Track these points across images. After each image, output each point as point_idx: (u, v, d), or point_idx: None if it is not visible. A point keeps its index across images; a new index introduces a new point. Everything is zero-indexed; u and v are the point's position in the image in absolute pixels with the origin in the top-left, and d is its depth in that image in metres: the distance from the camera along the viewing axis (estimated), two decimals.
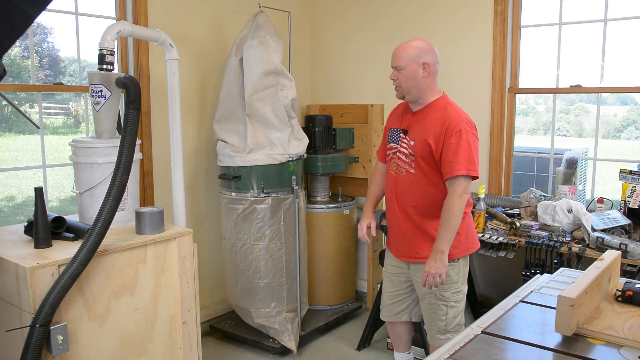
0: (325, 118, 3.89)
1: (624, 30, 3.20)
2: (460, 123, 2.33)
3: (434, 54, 2.44)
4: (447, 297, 2.49)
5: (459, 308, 2.52)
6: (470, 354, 1.36)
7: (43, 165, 2.99)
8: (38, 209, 2.06)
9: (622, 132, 10.64)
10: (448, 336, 2.51)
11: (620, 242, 2.68)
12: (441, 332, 2.53)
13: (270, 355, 3.41)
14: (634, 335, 1.41)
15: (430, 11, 3.79)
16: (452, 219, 2.31)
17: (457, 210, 2.31)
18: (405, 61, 2.40)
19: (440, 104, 2.43)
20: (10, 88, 2.98)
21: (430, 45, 2.45)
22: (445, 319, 2.51)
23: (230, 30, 3.74)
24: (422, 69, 2.39)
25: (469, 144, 2.31)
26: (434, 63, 2.43)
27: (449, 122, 2.34)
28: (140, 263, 2.20)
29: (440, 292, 2.48)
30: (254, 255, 3.35)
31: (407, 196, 2.48)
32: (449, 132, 2.32)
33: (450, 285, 2.48)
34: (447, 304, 2.49)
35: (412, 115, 2.49)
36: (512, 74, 3.55)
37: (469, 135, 2.32)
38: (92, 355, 2.05)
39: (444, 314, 2.50)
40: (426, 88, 2.43)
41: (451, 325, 2.52)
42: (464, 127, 2.32)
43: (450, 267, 2.44)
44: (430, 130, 2.37)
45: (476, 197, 3.33)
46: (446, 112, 2.38)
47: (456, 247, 2.44)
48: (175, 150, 2.99)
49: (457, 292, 2.51)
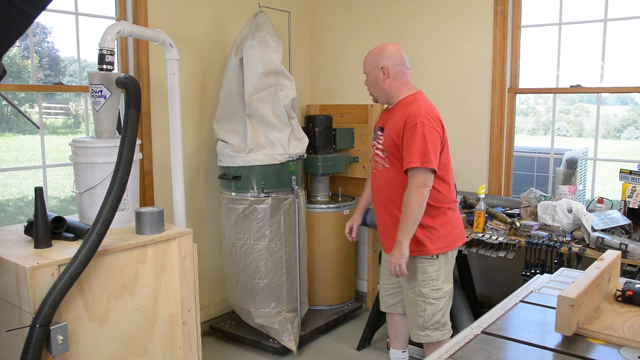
0: (325, 118, 3.89)
1: (624, 30, 3.20)
2: (418, 117, 2.36)
3: (392, 55, 2.49)
4: (425, 293, 2.51)
5: (438, 306, 2.53)
6: (470, 354, 1.36)
7: (43, 165, 2.99)
8: (38, 209, 2.06)
9: (622, 132, 10.64)
10: (427, 333, 2.55)
11: (620, 242, 2.68)
12: (420, 328, 2.56)
13: (270, 355, 3.41)
14: (634, 335, 1.41)
15: (430, 11, 3.79)
16: (409, 211, 2.35)
17: (413, 202, 2.34)
18: (367, 68, 2.54)
19: (407, 100, 2.49)
20: (10, 88, 2.98)
21: (387, 47, 2.51)
22: (424, 315, 2.53)
23: (230, 30, 3.74)
24: (381, 73, 2.49)
25: (423, 137, 2.33)
26: (393, 65, 2.48)
27: (407, 116, 2.40)
28: (140, 263, 2.20)
29: (418, 288, 2.52)
30: (254, 255, 3.35)
31: (384, 191, 2.55)
32: (407, 126, 2.38)
33: (428, 282, 2.50)
34: (425, 300, 2.52)
35: (387, 113, 2.59)
36: (512, 74, 3.55)
37: (424, 129, 2.34)
38: (92, 355, 2.05)
39: (422, 310, 2.53)
40: (390, 90, 2.51)
41: (430, 322, 2.54)
42: (420, 121, 2.35)
43: (428, 264, 2.49)
44: (394, 126, 2.45)
45: (476, 197, 3.34)
46: (409, 107, 2.43)
47: (433, 243, 2.47)
48: (175, 150, 2.99)
49: (437, 290, 2.52)
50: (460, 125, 3.70)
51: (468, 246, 3.10)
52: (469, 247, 3.10)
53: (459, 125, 3.70)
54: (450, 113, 3.66)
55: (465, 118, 3.69)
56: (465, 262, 3.55)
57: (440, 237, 2.49)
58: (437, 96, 3.49)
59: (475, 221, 3.14)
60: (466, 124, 3.69)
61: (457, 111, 3.70)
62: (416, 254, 2.48)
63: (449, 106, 3.68)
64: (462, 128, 3.69)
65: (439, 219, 2.48)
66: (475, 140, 3.67)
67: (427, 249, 2.47)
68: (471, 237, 3.07)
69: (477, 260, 3.69)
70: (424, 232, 2.46)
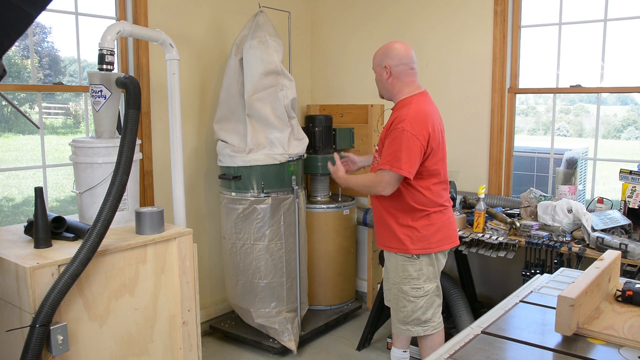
0: (325, 118, 3.89)
1: (624, 30, 3.20)
2: (401, 122, 2.40)
3: (396, 55, 2.51)
4: (405, 290, 2.58)
5: (418, 304, 2.59)
6: (470, 354, 1.36)
7: (43, 165, 2.99)
8: (38, 209, 2.06)
9: (622, 132, 10.64)
10: (408, 327, 2.63)
11: (620, 242, 2.68)
12: (401, 322, 2.64)
13: (270, 355, 3.41)
14: (634, 335, 1.41)
15: (430, 11, 3.79)
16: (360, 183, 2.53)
17: (364, 183, 2.51)
18: (374, 65, 2.59)
19: (403, 103, 2.52)
20: (10, 88, 2.98)
21: (393, 46, 2.54)
22: (404, 311, 2.61)
23: (230, 30, 3.74)
24: (385, 72, 2.53)
25: (400, 142, 2.37)
26: (395, 65, 2.50)
27: (395, 118, 2.45)
28: (140, 263, 2.20)
29: (400, 285, 2.60)
30: (254, 255, 3.35)
31: None
32: (391, 128, 2.45)
33: (409, 281, 2.57)
34: (406, 298, 2.59)
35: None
36: (512, 74, 3.55)
37: (404, 134, 2.37)
38: (92, 355, 2.05)
39: (402, 306, 2.61)
40: (392, 88, 2.55)
41: (410, 318, 2.61)
42: (402, 126, 2.38)
43: (409, 263, 2.56)
44: (385, 127, 2.53)
45: (476, 197, 3.33)
46: (400, 110, 2.47)
47: (414, 243, 2.53)
48: (175, 150, 2.99)
49: (417, 289, 2.58)
50: (461, 125, 3.70)
51: (468, 246, 3.10)
52: (469, 247, 3.10)
53: (459, 125, 3.70)
54: (451, 113, 3.66)
55: (465, 118, 3.69)
56: (465, 262, 3.55)
57: (422, 237, 2.53)
58: (437, 96, 3.48)
59: (475, 221, 3.15)
60: (466, 124, 3.69)
61: (457, 111, 3.71)
62: (397, 251, 2.56)
63: (449, 106, 3.68)
64: (462, 128, 3.69)
65: (421, 221, 2.52)
66: (475, 140, 3.67)
67: (407, 248, 2.53)
68: (471, 237, 3.07)
69: (477, 260, 3.69)
70: (404, 231, 2.53)
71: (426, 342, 2.67)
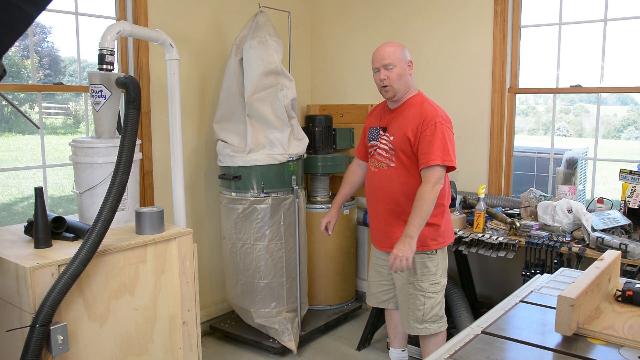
0: (325, 118, 3.89)
1: (624, 30, 3.20)
2: (435, 117, 2.47)
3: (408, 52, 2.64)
4: (425, 287, 2.59)
5: (437, 299, 2.62)
6: (470, 354, 1.36)
7: (43, 165, 2.99)
8: (38, 209, 2.06)
9: (622, 132, 10.64)
10: (426, 326, 2.63)
11: (620, 242, 2.68)
12: (419, 321, 2.63)
13: (270, 355, 3.41)
14: (634, 335, 1.41)
15: (430, 11, 3.79)
16: (424, 205, 2.39)
17: (429, 198, 2.40)
18: (396, 59, 2.55)
19: (416, 100, 2.58)
20: (10, 88, 2.98)
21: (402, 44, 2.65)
22: (423, 309, 2.61)
23: (230, 30, 3.74)
24: (408, 67, 2.57)
25: (443, 136, 2.44)
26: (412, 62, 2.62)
27: (424, 115, 2.48)
28: (140, 263, 2.20)
29: (418, 283, 2.59)
30: (254, 255, 3.35)
31: (387, 189, 2.60)
32: (424, 125, 2.46)
33: (428, 277, 2.58)
34: (425, 295, 2.59)
35: (390, 113, 2.64)
36: (512, 74, 3.55)
37: (443, 128, 2.45)
38: (92, 355, 2.05)
39: (421, 304, 2.60)
40: (410, 84, 2.60)
41: (428, 315, 2.62)
42: (438, 121, 2.46)
43: (428, 259, 2.57)
44: (408, 125, 2.51)
45: (476, 197, 3.33)
46: (423, 107, 2.53)
47: (434, 239, 2.56)
48: (175, 150, 2.99)
49: (436, 284, 2.61)
50: (461, 125, 3.69)
51: (468, 246, 3.10)
52: (469, 247, 3.10)
53: (459, 125, 3.69)
54: (450, 113, 3.61)
55: (465, 118, 3.69)
56: (465, 262, 3.55)
57: (441, 232, 2.59)
58: (437, 96, 3.48)
59: (475, 221, 3.15)
60: (466, 124, 3.69)
61: (457, 111, 3.70)
62: (418, 249, 2.51)
63: (449, 106, 3.66)
64: (462, 128, 3.69)
65: (440, 216, 2.58)
66: (475, 140, 3.67)
67: (428, 245, 2.56)
68: (471, 237, 3.07)
69: (477, 260, 3.69)
70: (428, 229, 2.53)
71: (432, 340, 2.68)
